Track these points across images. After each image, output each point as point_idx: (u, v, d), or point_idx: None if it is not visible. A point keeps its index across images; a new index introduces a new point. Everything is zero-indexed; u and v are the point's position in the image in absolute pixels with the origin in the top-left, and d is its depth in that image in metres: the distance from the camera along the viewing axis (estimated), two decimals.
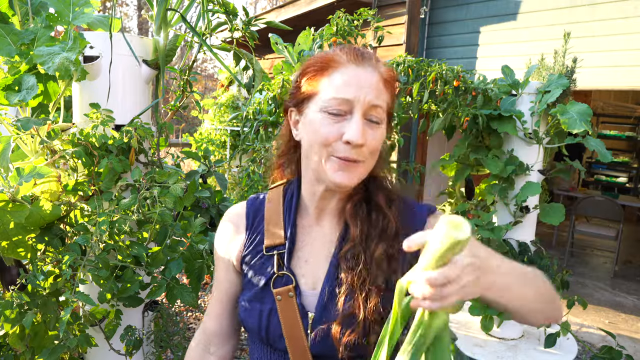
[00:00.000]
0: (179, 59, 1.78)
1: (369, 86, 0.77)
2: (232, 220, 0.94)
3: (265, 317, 0.84)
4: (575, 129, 2.09)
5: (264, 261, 0.87)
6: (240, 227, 0.92)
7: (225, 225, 0.94)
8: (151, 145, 1.64)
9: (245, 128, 2.75)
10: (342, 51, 0.81)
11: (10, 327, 1.39)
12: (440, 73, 2.37)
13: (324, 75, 0.80)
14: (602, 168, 7.58)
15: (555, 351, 2.37)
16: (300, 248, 0.87)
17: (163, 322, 1.76)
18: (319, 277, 0.85)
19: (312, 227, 0.89)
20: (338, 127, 0.77)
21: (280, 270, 0.85)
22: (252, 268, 0.88)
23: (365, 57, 0.79)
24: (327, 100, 0.77)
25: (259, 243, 0.89)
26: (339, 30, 2.49)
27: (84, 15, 1.49)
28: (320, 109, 0.78)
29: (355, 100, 0.76)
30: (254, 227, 0.90)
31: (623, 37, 3.48)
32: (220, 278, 0.94)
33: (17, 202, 1.31)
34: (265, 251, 0.87)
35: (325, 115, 0.78)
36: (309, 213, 0.89)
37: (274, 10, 6.06)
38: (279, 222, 0.88)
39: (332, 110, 0.77)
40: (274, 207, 0.90)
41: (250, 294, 0.87)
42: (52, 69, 1.22)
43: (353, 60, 0.79)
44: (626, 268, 4.98)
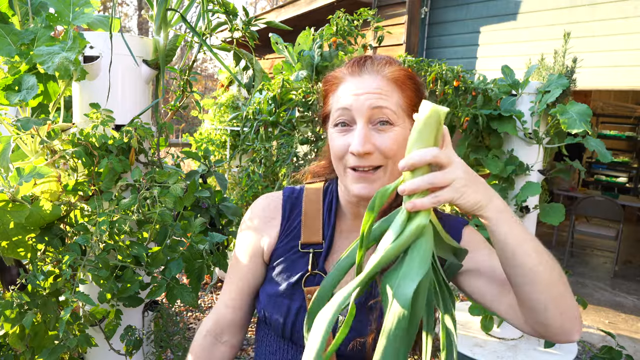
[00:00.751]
0: (179, 59, 1.78)
1: (367, 91, 0.77)
2: (267, 208, 0.92)
3: (294, 314, 0.83)
4: (575, 129, 2.09)
5: (297, 257, 0.86)
6: (275, 217, 0.90)
7: (259, 212, 0.92)
8: (151, 145, 1.64)
9: (245, 128, 2.76)
10: (345, 66, 0.83)
11: (10, 327, 1.39)
12: (440, 73, 2.37)
13: (330, 92, 0.84)
14: (602, 168, 7.58)
15: (555, 351, 2.37)
16: (336, 251, 0.87)
17: (163, 322, 1.76)
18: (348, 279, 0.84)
19: (350, 233, 0.88)
20: (345, 139, 0.79)
21: (314, 270, 0.85)
22: (284, 262, 0.87)
23: (364, 66, 0.80)
24: (333, 114, 0.81)
25: (294, 238, 0.88)
26: (339, 30, 2.49)
27: (84, 16, 1.49)
28: (331, 124, 0.82)
29: (353, 108, 0.77)
30: (290, 220, 0.89)
31: (623, 37, 3.48)
32: (244, 267, 0.91)
33: (17, 202, 1.31)
34: (301, 247, 0.86)
35: (335, 129, 0.80)
36: (347, 218, 0.89)
37: (274, 10, 6.06)
38: (318, 221, 0.88)
39: (337, 121, 0.80)
40: (313, 204, 0.90)
41: (278, 289, 0.86)
42: (51, 69, 1.22)
43: (351, 73, 0.81)
44: (626, 268, 4.98)
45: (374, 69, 0.80)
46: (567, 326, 0.67)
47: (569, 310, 0.67)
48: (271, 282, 0.88)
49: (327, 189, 0.92)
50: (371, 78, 0.79)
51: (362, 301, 0.83)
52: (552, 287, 0.66)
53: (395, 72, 0.80)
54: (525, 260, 0.64)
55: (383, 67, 0.80)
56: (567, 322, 0.67)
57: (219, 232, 1.68)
